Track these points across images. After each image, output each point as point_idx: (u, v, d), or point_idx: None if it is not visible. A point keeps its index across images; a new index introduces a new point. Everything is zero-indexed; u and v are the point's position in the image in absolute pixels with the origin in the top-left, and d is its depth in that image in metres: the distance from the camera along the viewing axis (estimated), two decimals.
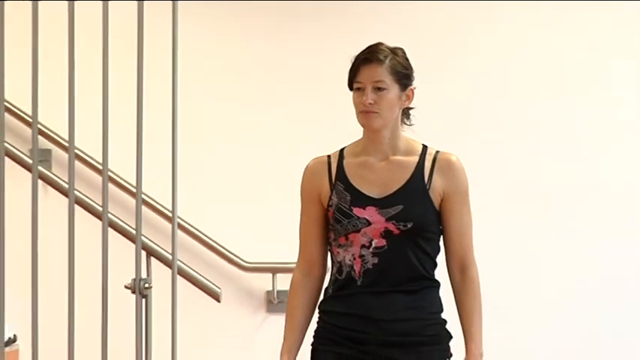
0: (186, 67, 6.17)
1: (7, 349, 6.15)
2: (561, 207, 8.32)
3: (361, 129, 4.95)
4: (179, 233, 6.11)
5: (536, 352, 7.99)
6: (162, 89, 5.60)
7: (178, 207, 5.71)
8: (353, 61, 4.75)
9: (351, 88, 4.76)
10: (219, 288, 6.17)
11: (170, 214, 5.92)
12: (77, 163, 6.12)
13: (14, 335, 6.51)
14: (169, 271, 5.75)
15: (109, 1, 5.59)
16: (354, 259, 4.65)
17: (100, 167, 5.85)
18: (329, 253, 4.95)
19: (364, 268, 4.70)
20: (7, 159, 5.78)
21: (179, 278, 5.78)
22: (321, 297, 4.95)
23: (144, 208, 6.01)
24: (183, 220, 6.50)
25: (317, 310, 4.83)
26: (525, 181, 8.32)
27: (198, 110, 7.18)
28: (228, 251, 7.18)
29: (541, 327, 8.02)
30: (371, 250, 4.71)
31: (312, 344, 4.88)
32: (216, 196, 5.96)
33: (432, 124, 7.04)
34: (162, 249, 5.99)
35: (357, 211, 4.69)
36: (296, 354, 4.82)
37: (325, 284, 5.02)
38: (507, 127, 8.37)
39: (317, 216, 4.87)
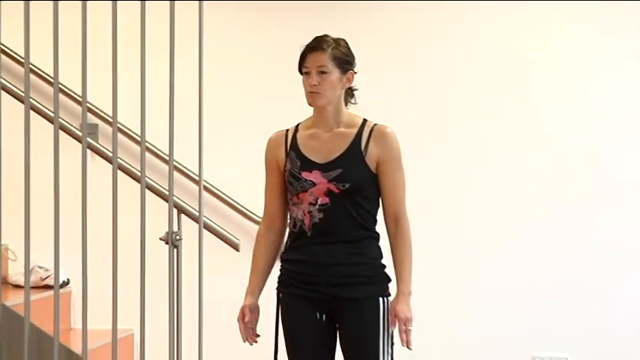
0: (213, 52, 6.31)
1: (61, 290, 6.18)
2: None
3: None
4: (204, 194, 6.15)
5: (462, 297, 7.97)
6: (191, 71, 5.73)
7: (204, 171, 5.80)
8: (302, 49, 4.98)
9: (300, 72, 4.97)
10: (237, 239, 6.24)
11: (197, 178, 6.09)
12: (120, 136, 6.24)
13: (67, 279, 6.52)
14: (196, 225, 5.88)
15: (146, 1, 5.75)
16: (304, 214, 4.88)
17: (139, 139, 6.01)
18: (288, 212, 5.11)
19: (312, 222, 4.92)
20: (61, 132, 5.87)
21: (204, 231, 5.90)
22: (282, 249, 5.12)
23: (175, 173, 6.10)
24: (207, 183, 6.48)
25: (279, 260, 5.03)
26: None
27: (224, 88, 7.22)
28: (246, 209, 7.25)
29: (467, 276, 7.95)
30: (317, 206, 4.92)
31: (277, 289, 5.13)
32: (236, 162, 6.07)
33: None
34: (191, 207, 6.10)
35: (304, 175, 4.93)
36: (258, 294, 5.10)
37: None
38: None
39: (277, 180, 5.11)
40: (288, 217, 5.15)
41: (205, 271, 5.73)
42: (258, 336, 5.18)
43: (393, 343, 4.99)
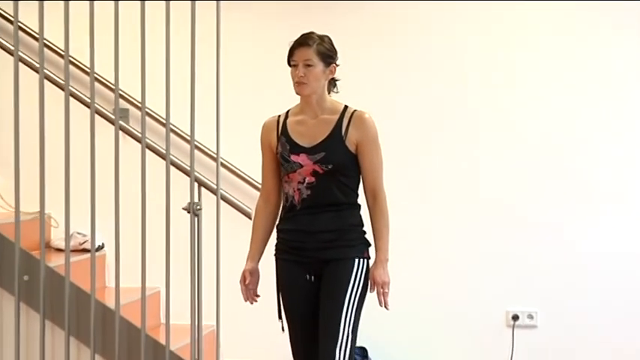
0: (231, 45, 6.30)
1: (97, 253, 6.28)
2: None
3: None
4: (221, 169, 6.14)
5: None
6: (210, 61, 5.77)
7: (221, 150, 5.93)
8: (290, 44, 5.00)
9: (289, 64, 4.99)
10: (250, 209, 6.24)
11: (215, 155, 6.20)
12: (147, 119, 6.27)
13: (102, 243, 6.55)
14: (214, 197, 5.99)
15: (171, 1, 5.82)
16: (294, 191, 4.97)
17: (164, 121, 6.06)
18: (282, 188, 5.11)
19: (301, 197, 4.97)
20: (97, 116, 6.01)
21: (221, 202, 6.00)
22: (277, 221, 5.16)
23: (196, 151, 6.13)
24: (224, 160, 6.46)
25: (275, 230, 5.07)
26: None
27: (241, 79, 7.17)
28: (257, 182, 7.23)
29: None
30: (305, 184, 4.97)
31: (274, 255, 5.16)
32: (249, 142, 6.12)
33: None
34: (209, 181, 6.12)
35: (293, 157, 4.96)
36: (258, 260, 5.18)
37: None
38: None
39: (271, 160, 5.13)
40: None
41: (222, 236, 5.85)
42: (257, 296, 5.24)
43: (360, 304, 5.02)
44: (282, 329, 5.21)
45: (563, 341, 7.24)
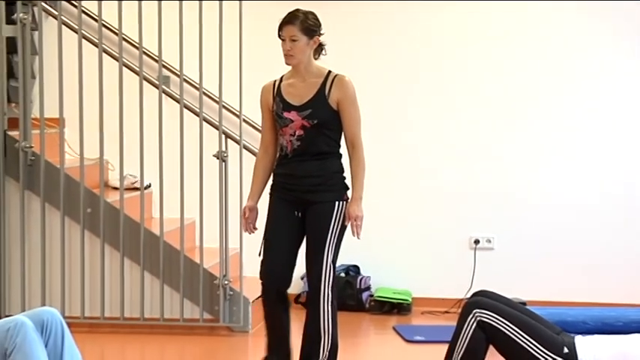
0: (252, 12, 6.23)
1: (145, 191, 6.38)
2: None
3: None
4: (244, 124, 6.33)
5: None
6: (234, 37, 5.86)
7: (243, 108, 6.08)
8: (280, 22, 4.86)
9: (279, 38, 4.86)
10: None
11: (238, 113, 6.28)
12: (185, 85, 6.32)
13: (149, 183, 6.52)
14: (238, 146, 6.12)
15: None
16: (287, 142, 4.87)
17: (197, 86, 6.19)
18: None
19: (292, 147, 4.85)
20: (145, 82, 6.15)
21: (243, 151, 6.13)
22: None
23: (223, 110, 6.28)
24: (246, 116, 6.35)
25: (272, 174, 5.02)
26: None
27: (260, 51, 6.77)
28: None
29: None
30: (295, 137, 4.84)
31: (269, 193, 5.02)
32: None
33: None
34: (234, 133, 6.20)
35: (285, 114, 4.85)
36: (257, 199, 5.07)
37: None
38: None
39: (268, 117, 5.00)
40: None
41: (244, 177, 5.84)
42: (256, 229, 5.11)
43: (340, 239, 4.96)
44: (259, 254, 5.09)
45: (515, 260, 7.07)
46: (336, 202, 4.88)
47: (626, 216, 7.08)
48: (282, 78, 4.99)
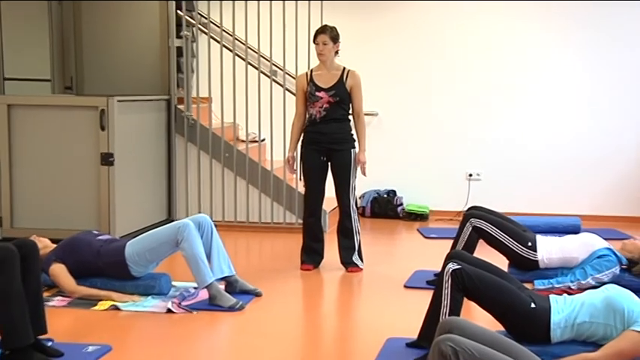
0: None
1: (262, 143, 6.25)
2: None
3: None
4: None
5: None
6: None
7: None
8: (315, 32, 4.79)
9: (314, 43, 4.76)
10: None
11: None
12: (287, 76, 6.26)
13: (264, 138, 6.32)
14: None
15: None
16: (316, 112, 4.73)
17: (293, 76, 5.90)
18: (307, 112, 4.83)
19: (320, 115, 4.72)
20: (262, 75, 6.00)
21: None
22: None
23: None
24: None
25: (304, 131, 4.84)
26: None
27: None
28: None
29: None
30: (322, 108, 4.72)
31: (301, 146, 4.88)
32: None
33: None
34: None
35: (317, 93, 4.71)
36: (295, 150, 4.90)
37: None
38: None
39: (301, 95, 4.82)
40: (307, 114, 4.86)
41: None
42: (295, 170, 5.05)
43: (355, 173, 4.82)
44: (300, 179, 5.11)
45: (495, 187, 6.78)
46: (352, 150, 4.80)
47: (574, 154, 6.80)
48: (311, 70, 4.87)
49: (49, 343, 3.21)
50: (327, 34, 4.74)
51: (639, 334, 2.79)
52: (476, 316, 3.37)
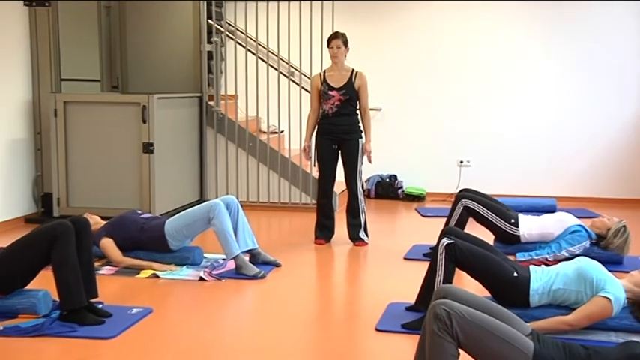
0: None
1: (281, 134, 6.24)
2: None
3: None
4: None
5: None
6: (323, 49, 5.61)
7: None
8: (329, 37, 4.72)
9: (328, 47, 4.70)
10: None
11: None
12: (303, 76, 6.14)
13: (283, 130, 6.25)
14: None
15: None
16: (329, 108, 4.67)
17: (308, 76, 5.84)
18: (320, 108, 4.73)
19: (333, 110, 4.66)
20: (281, 75, 5.97)
21: None
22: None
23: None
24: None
25: (318, 124, 4.76)
26: None
27: None
28: None
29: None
30: (334, 105, 4.66)
31: (316, 136, 4.79)
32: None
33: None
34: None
35: (330, 92, 4.65)
36: (310, 140, 4.81)
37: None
38: None
39: (316, 93, 4.73)
40: (321, 109, 4.75)
41: None
42: (310, 157, 4.93)
43: (362, 161, 4.74)
44: (314, 164, 4.99)
45: (482, 172, 6.69)
46: (359, 140, 4.74)
47: (551, 143, 6.70)
48: (324, 71, 4.79)
49: (100, 305, 3.24)
50: (340, 39, 4.69)
51: (605, 300, 2.79)
52: (466, 283, 3.37)
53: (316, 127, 4.83)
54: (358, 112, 4.79)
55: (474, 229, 4.07)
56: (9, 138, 5.24)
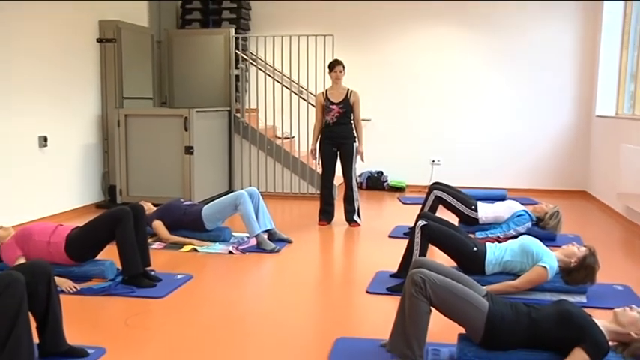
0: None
1: (292, 139, 6.17)
2: None
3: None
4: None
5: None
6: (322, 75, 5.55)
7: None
8: (331, 62, 4.58)
9: (330, 71, 4.57)
10: None
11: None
12: (309, 94, 6.08)
13: (294, 135, 6.17)
14: None
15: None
16: (330, 119, 4.54)
17: (313, 94, 5.80)
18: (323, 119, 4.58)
19: (333, 121, 4.53)
20: (293, 94, 5.90)
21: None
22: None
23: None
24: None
25: (322, 131, 4.62)
26: None
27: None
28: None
29: None
30: (335, 117, 4.54)
31: (319, 141, 4.63)
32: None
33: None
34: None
35: (331, 106, 4.53)
36: (315, 145, 4.65)
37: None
38: None
39: (320, 107, 4.60)
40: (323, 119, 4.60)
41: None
42: (315, 158, 4.71)
43: (355, 161, 4.61)
44: (318, 163, 4.81)
45: (451, 170, 6.55)
46: (354, 144, 4.62)
47: (503, 146, 6.56)
48: (326, 90, 4.66)
49: (152, 272, 3.26)
50: (341, 65, 4.64)
51: (543, 268, 2.80)
52: (437, 256, 3.42)
53: (320, 134, 4.74)
54: (352, 122, 4.72)
55: (443, 213, 4.10)
56: (84, 143, 5.28)
